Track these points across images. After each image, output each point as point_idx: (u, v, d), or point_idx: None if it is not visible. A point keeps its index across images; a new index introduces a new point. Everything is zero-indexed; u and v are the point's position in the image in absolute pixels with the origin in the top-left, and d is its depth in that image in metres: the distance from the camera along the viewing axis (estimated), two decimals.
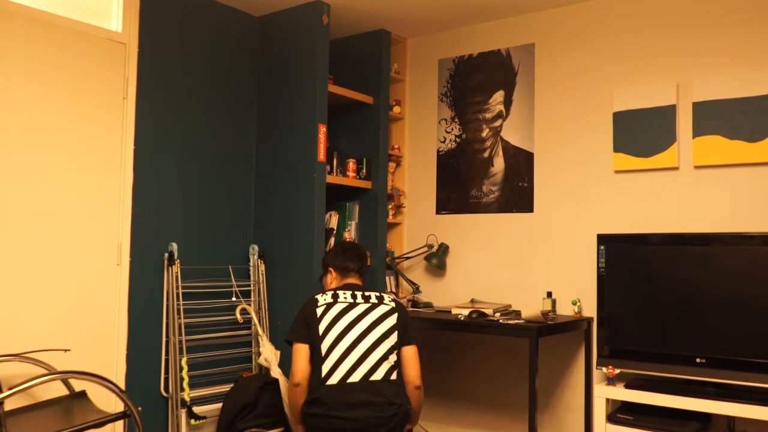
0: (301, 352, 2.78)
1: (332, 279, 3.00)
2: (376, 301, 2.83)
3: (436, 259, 4.02)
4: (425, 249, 4.13)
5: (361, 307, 2.80)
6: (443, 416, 4.06)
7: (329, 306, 2.79)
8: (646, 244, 3.18)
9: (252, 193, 3.91)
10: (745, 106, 3.14)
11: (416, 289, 4.05)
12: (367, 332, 2.75)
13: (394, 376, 2.74)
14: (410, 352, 2.82)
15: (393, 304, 2.85)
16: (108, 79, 3.21)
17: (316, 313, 2.79)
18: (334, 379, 2.68)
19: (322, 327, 2.76)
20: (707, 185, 3.25)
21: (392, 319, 2.80)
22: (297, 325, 2.82)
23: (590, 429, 3.50)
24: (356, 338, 2.73)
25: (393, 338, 2.77)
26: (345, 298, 2.82)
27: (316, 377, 2.72)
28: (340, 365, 2.70)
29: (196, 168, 3.60)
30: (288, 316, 3.68)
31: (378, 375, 2.69)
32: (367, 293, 2.86)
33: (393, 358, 2.75)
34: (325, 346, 2.73)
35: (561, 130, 3.71)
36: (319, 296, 2.84)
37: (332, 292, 2.85)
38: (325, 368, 2.70)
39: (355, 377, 2.67)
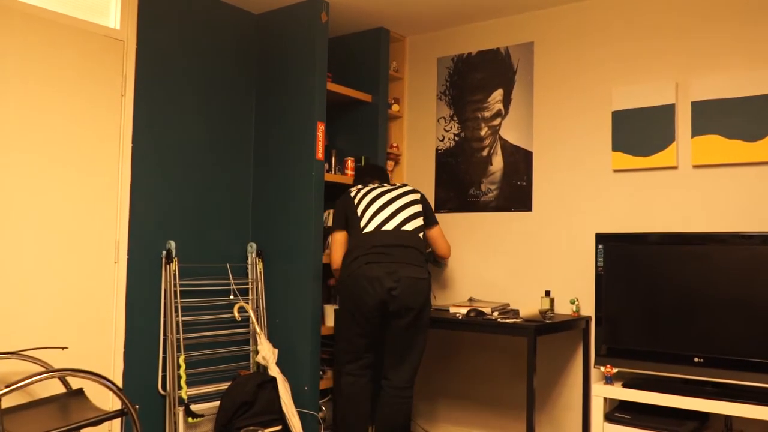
0: (338, 240, 3.33)
1: None
2: (399, 185, 3.36)
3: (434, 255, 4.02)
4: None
5: (388, 188, 3.34)
6: (441, 415, 4.07)
7: (360, 189, 3.36)
8: (645, 243, 3.18)
9: (250, 190, 3.90)
10: (744, 106, 3.14)
11: None
12: (396, 198, 3.27)
13: (422, 235, 3.21)
14: (436, 232, 3.41)
15: (417, 194, 3.35)
16: (106, 76, 3.20)
17: (351, 198, 3.34)
18: (370, 227, 3.18)
19: (356, 199, 3.31)
20: (706, 185, 3.25)
21: (415, 195, 3.32)
22: (336, 215, 3.36)
23: (588, 428, 3.51)
24: (387, 200, 3.26)
25: (418, 207, 3.27)
26: (374, 184, 3.38)
27: (355, 233, 3.22)
28: (374, 218, 3.20)
29: (194, 166, 3.60)
30: (286, 314, 3.68)
31: (408, 227, 3.18)
32: (398, 185, 3.38)
33: (420, 221, 3.23)
34: (360, 208, 3.26)
35: (560, 129, 3.71)
36: (352, 188, 3.40)
37: (361, 186, 3.39)
38: (363, 222, 3.21)
39: (389, 226, 3.17)
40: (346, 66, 4.23)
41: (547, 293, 3.58)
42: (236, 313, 3.55)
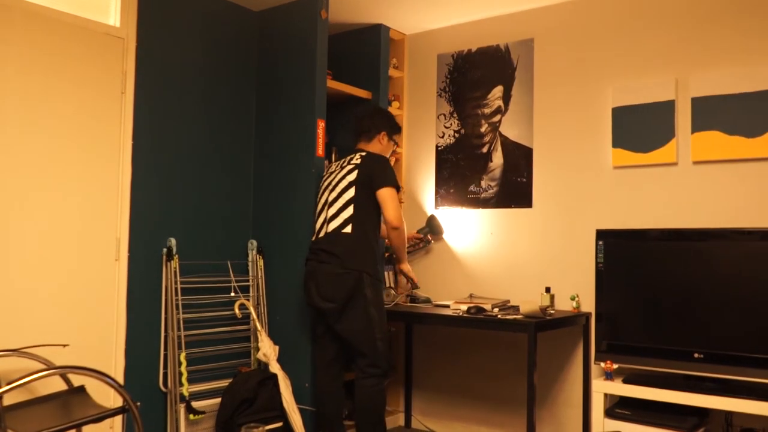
0: None
1: None
2: (346, 163, 3.29)
3: (428, 227, 4.06)
4: (421, 243, 4.13)
5: (334, 171, 3.32)
6: (441, 411, 4.07)
7: (326, 170, 3.44)
8: (645, 239, 3.18)
9: (251, 187, 3.91)
10: (744, 102, 3.14)
11: (414, 285, 4.04)
12: (329, 191, 3.28)
13: (348, 229, 3.15)
14: (382, 195, 3.18)
15: (358, 161, 3.24)
16: (106, 74, 3.21)
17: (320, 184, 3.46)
18: (314, 236, 3.33)
19: (320, 185, 3.43)
20: (706, 181, 3.25)
21: (352, 175, 3.21)
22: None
23: (588, 424, 3.51)
24: (324, 200, 3.30)
25: (350, 192, 3.18)
26: (332, 167, 3.37)
27: None
28: (316, 224, 3.33)
29: (195, 163, 3.60)
30: (286, 312, 3.68)
31: (330, 228, 3.20)
32: (346, 158, 3.33)
33: (349, 211, 3.17)
34: (318, 199, 3.39)
35: (560, 126, 3.71)
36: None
37: (335, 162, 3.44)
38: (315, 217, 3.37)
39: (321, 232, 3.25)
40: (345, 63, 4.23)
41: (548, 289, 3.58)
42: (237, 310, 3.56)
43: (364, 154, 3.28)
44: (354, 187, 3.19)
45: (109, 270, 3.20)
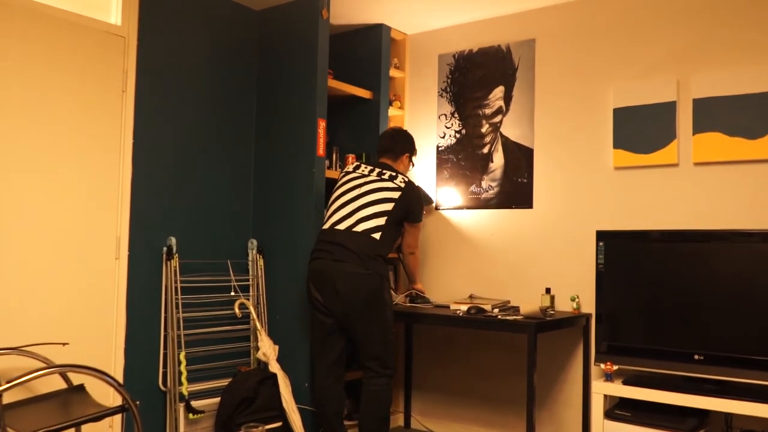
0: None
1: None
2: (386, 177, 3.30)
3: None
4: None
5: (370, 178, 3.30)
6: (441, 412, 4.07)
7: (347, 173, 3.38)
8: (646, 240, 3.18)
9: (251, 187, 3.90)
10: (746, 103, 3.14)
11: (425, 299, 4.03)
12: (368, 193, 3.24)
13: (377, 236, 3.16)
14: (412, 228, 3.42)
15: (402, 185, 3.27)
16: (107, 72, 3.20)
17: (337, 181, 3.41)
18: (326, 225, 3.26)
19: (337, 185, 3.37)
20: (707, 182, 3.25)
21: (393, 194, 3.24)
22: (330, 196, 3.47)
23: (588, 425, 3.51)
24: (357, 195, 3.25)
25: (387, 206, 3.21)
26: (362, 170, 3.35)
27: (322, 226, 3.34)
28: (335, 214, 3.25)
29: (195, 162, 3.60)
30: (286, 311, 3.68)
31: (359, 228, 3.15)
32: (384, 172, 3.33)
33: (381, 221, 3.18)
34: (333, 198, 3.33)
35: (561, 126, 3.71)
36: (349, 166, 3.44)
37: (357, 164, 3.41)
38: (327, 214, 3.30)
39: (341, 226, 3.18)
40: (346, 62, 4.22)
41: (548, 290, 3.58)
42: (237, 310, 3.56)
43: (406, 179, 3.32)
44: (393, 205, 3.23)
45: (109, 269, 3.19)
